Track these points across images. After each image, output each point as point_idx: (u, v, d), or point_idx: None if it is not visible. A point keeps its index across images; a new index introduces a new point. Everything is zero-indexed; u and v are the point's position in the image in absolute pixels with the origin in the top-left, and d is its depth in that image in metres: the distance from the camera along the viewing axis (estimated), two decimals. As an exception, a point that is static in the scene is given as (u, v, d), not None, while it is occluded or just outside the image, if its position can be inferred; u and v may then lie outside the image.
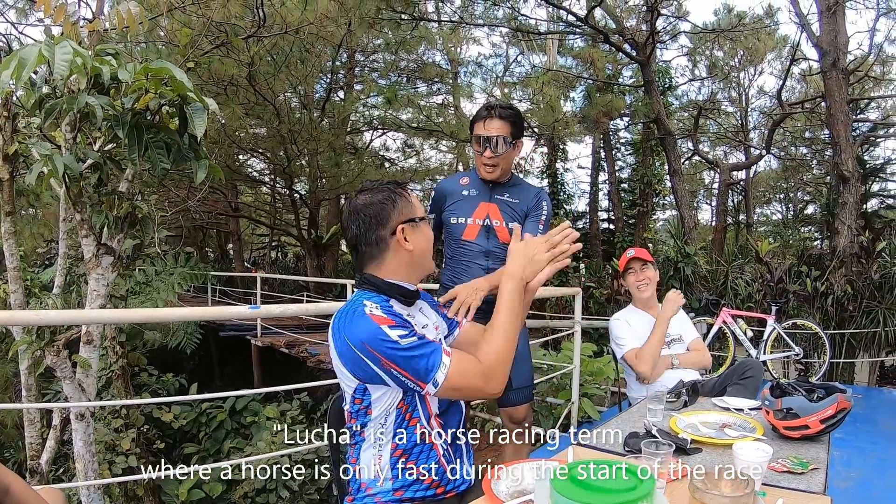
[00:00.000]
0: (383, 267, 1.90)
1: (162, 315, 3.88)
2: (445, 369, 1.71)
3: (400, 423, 1.84)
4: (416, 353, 1.70)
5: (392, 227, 1.87)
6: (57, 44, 2.49)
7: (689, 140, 17.93)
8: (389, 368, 1.71)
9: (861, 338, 9.28)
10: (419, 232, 1.92)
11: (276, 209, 20.29)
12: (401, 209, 1.89)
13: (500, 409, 3.23)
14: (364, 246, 1.89)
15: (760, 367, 3.33)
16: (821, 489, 1.76)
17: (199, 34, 7.68)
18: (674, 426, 2.25)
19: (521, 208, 3.06)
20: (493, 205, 3.01)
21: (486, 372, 1.78)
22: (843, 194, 10.34)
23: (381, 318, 1.73)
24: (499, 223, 3.01)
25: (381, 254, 1.89)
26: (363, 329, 1.72)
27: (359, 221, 1.87)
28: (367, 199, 1.89)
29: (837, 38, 10.55)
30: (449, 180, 3.18)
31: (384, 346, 1.69)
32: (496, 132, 2.89)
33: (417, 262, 1.93)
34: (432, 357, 1.72)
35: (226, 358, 14.41)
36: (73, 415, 3.48)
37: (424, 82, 18.83)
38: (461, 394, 1.84)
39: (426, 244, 1.95)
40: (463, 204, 3.02)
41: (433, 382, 1.71)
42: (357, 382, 1.80)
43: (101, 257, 3.39)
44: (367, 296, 1.85)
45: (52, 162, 2.80)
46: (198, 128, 2.96)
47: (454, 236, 3.04)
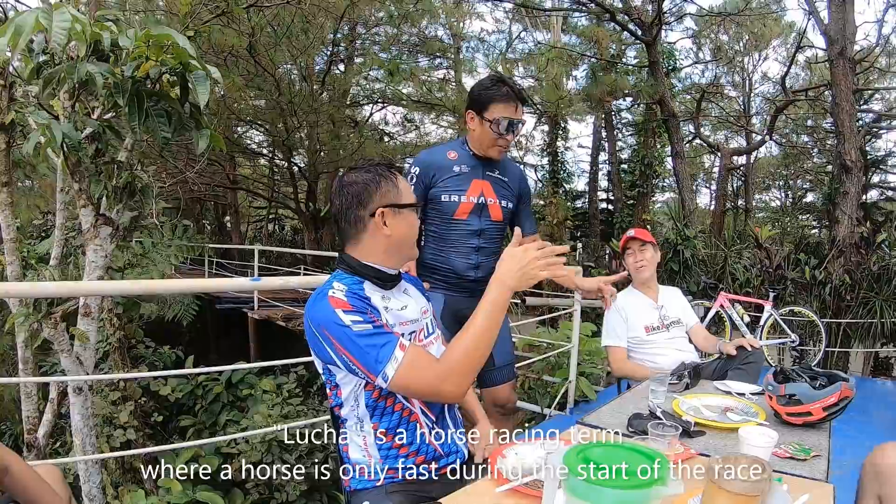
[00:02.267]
0: (360, 247, 1.87)
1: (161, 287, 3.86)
2: (396, 364, 1.64)
3: (374, 404, 1.82)
4: (367, 342, 1.66)
5: (372, 208, 1.82)
6: (56, 10, 2.42)
7: (691, 123, 17.86)
8: (341, 353, 1.69)
9: (857, 328, 9.30)
10: (401, 218, 1.87)
11: (275, 182, 20.21)
12: (384, 192, 1.84)
13: (483, 391, 3.12)
14: (344, 222, 1.86)
15: (762, 353, 3.31)
16: (823, 477, 1.76)
17: (200, 3, 7.58)
18: (677, 408, 2.24)
19: (512, 187, 3.00)
20: (486, 182, 2.92)
21: (444, 373, 1.68)
22: (844, 184, 10.29)
23: (339, 302, 1.71)
24: (492, 201, 2.92)
25: (358, 234, 1.86)
26: (320, 311, 1.72)
27: (342, 197, 1.85)
28: (354, 178, 1.86)
29: (846, 26, 10.44)
30: (431, 153, 2.99)
31: (337, 330, 1.67)
32: (520, 116, 2.80)
33: (395, 247, 1.88)
34: (384, 349, 1.66)
35: (222, 331, 14.44)
36: (71, 388, 3.45)
37: (426, 56, 18.70)
38: (413, 393, 1.75)
39: (408, 231, 1.90)
40: (455, 181, 2.89)
41: (382, 376, 1.65)
42: (322, 363, 1.81)
43: (100, 228, 3.34)
44: (340, 276, 1.85)
45: (49, 131, 2.75)
46: (200, 96, 2.90)
47: (444, 214, 2.90)
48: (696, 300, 8.48)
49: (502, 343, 2.91)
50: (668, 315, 3.70)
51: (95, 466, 3.63)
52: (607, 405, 2.50)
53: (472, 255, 2.90)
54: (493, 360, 2.98)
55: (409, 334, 1.89)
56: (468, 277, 2.91)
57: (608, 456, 1.13)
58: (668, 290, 3.89)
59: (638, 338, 3.59)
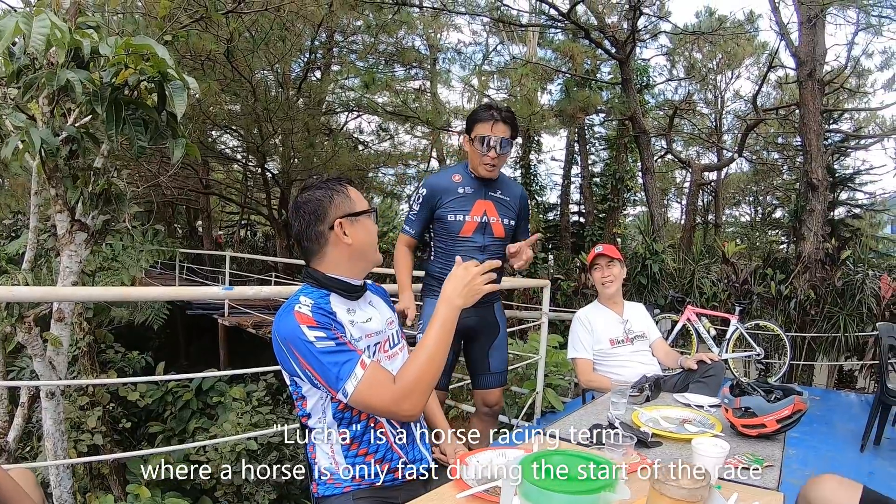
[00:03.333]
0: (325, 261, 1.95)
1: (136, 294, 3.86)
2: (356, 381, 1.71)
3: (340, 415, 1.89)
4: (329, 359, 1.73)
5: (330, 221, 1.91)
6: (36, 16, 2.45)
7: (663, 139, 18.09)
8: (304, 368, 1.76)
9: (821, 342, 9.51)
10: (359, 226, 1.96)
11: (248, 187, 20.10)
12: (338, 204, 1.93)
13: (475, 391, 3.40)
14: (306, 241, 1.95)
15: (722, 366, 3.41)
16: (774, 486, 1.84)
17: (178, 7, 7.57)
18: (636, 420, 2.32)
19: (513, 205, 3.26)
20: (489, 202, 3.17)
21: (400, 393, 1.75)
22: (811, 201, 10.54)
23: (305, 317, 1.77)
24: (495, 219, 3.17)
25: (321, 248, 1.94)
26: (285, 325, 1.78)
27: (300, 218, 1.94)
28: (308, 196, 1.95)
29: (815, 49, 10.74)
30: (438, 177, 3.25)
31: (301, 345, 1.74)
32: (501, 134, 3.03)
33: (358, 254, 1.97)
34: (346, 366, 1.72)
35: (192, 336, 14.33)
36: (44, 393, 3.44)
37: (403, 66, 18.75)
38: (372, 410, 1.81)
39: (367, 237, 1.99)
40: (460, 201, 3.13)
41: (342, 392, 1.72)
42: (288, 375, 1.88)
43: (75, 234, 3.35)
44: (307, 290, 1.92)
45: (28, 136, 2.77)
46: (178, 107, 2.94)
47: (451, 232, 3.14)
48: (663, 314, 8.62)
49: (500, 352, 3.34)
50: (633, 329, 3.80)
51: (67, 471, 3.62)
52: (570, 416, 2.59)
53: None
54: (490, 366, 3.31)
55: (374, 345, 1.97)
56: None
57: (561, 463, 1.20)
58: (633, 305, 4.00)
59: (603, 350, 3.69)
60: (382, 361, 1.96)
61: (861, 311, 9.16)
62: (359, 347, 1.85)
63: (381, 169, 21.24)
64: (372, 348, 1.96)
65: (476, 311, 3.12)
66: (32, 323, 3.29)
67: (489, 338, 3.35)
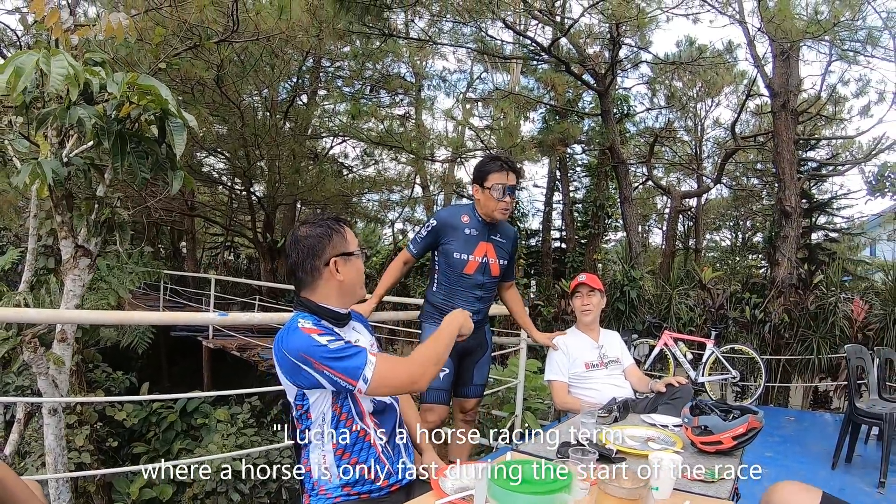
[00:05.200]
0: (317, 292, 2.17)
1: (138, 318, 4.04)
2: (372, 367, 1.95)
3: (336, 423, 2.09)
4: (343, 355, 1.95)
5: (326, 258, 2.14)
6: (53, 56, 2.63)
7: (643, 165, 18.34)
8: (322, 370, 1.96)
9: (796, 364, 9.73)
10: (350, 265, 2.19)
11: (233, 210, 20.14)
12: (335, 244, 2.16)
13: (454, 399, 3.76)
14: (301, 273, 2.16)
15: (690, 389, 3.59)
16: (727, 496, 2.01)
17: (172, 34, 7.78)
18: (603, 438, 2.49)
19: (508, 248, 3.69)
20: (490, 244, 3.57)
21: (415, 364, 2.06)
22: (784, 228, 10.85)
23: (311, 329, 2.01)
24: (493, 260, 3.58)
25: (314, 281, 2.16)
26: (297, 340, 1.99)
27: (297, 251, 2.15)
28: (307, 232, 2.17)
29: (789, 81, 11.13)
30: (450, 214, 3.62)
31: (316, 351, 1.95)
32: (514, 183, 3.44)
33: (348, 290, 2.20)
34: (359, 357, 1.96)
35: (175, 358, 14.31)
36: (46, 410, 3.58)
37: (388, 93, 18.96)
38: (391, 386, 2.03)
39: (356, 276, 2.22)
40: (466, 242, 3.51)
41: (363, 379, 1.95)
42: (297, 390, 2.07)
43: (79, 259, 3.52)
44: (302, 315, 2.12)
45: (40, 167, 2.94)
46: (177, 146, 3.14)
47: (455, 268, 3.52)
48: (641, 339, 8.79)
49: (483, 368, 3.77)
50: (608, 354, 4.00)
51: (66, 485, 3.74)
52: (541, 435, 2.79)
53: (475, 303, 3.55)
54: (473, 377, 3.73)
55: None
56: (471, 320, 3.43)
57: (526, 471, 1.39)
58: (609, 333, 4.21)
59: (578, 373, 3.88)
60: None
61: (834, 334, 9.40)
62: None
63: (365, 195, 21.36)
64: None
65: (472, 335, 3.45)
66: (37, 343, 3.44)
67: (478, 355, 3.73)
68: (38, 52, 2.67)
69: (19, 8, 8.09)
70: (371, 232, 19.49)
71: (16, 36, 8.51)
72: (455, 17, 12.80)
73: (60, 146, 3.37)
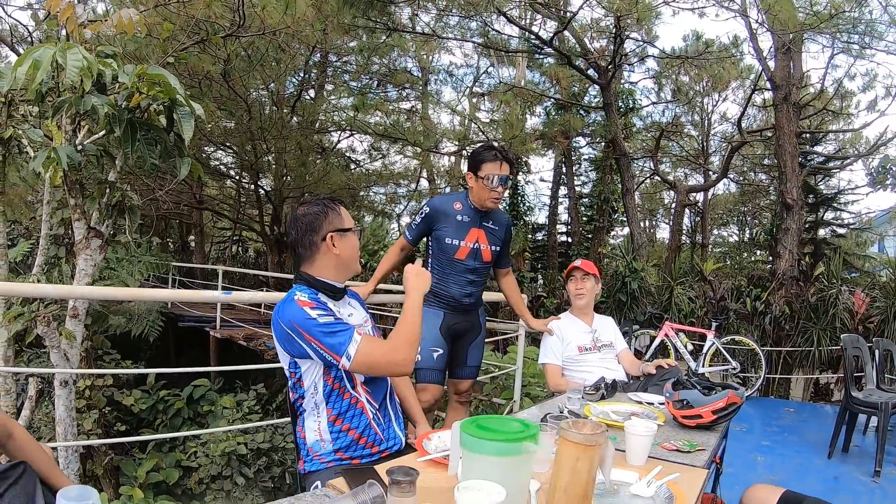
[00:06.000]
0: (315, 266, 2.33)
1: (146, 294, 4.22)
2: (356, 345, 2.08)
3: (329, 391, 2.23)
4: (331, 330, 2.10)
5: (323, 234, 2.30)
6: (69, 49, 2.79)
7: (650, 160, 18.38)
8: (310, 342, 2.11)
9: (796, 356, 9.81)
10: (346, 240, 2.35)
11: (240, 203, 20.25)
12: (331, 220, 2.32)
13: (450, 380, 3.92)
14: (300, 248, 2.33)
15: (678, 370, 3.69)
16: (702, 465, 2.10)
17: (180, 29, 7.91)
18: (587, 411, 2.62)
19: (500, 234, 3.80)
20: (482, 230, 3.69)
21: (393, 347, 2.15)
22: (786, 221, 10.93)
23: (305, 302, 2.16)
24: (485, 246, 3.70)
25: (312, 255, 2.32)
26: (291, 310, 2.15)
27: (297, 228, 2.32)
28: (305, 210, 2.34)
29: (791, 74, 11.19)
30: (442, 202, 3.74)
31: (306, 323, 2.10)
32: (507, 173, 3.56)
33: (344, 264, 2.36)
34: (345, 334, 2.10)
35: (183, 348, 14.47)
36: (58, 381, 3.76)
37: (395, 87, 19.05)
38: (372, 366, 2.16)
39: (352, 251, 2.38)
40: (457, 228, 3.64)
41: (346, 356, 2.08)
42: (289, 358, 2.23)
43: (91, 240, 3.68)
44: (300, 288, 2.28)
45: (55, 153, 3.10)
46: (185, 132, 3.30)
47: (447, 254, 3.65)
48: (642, 329, 8.90)
49: (477, 350, 3.92)
50: (601, 339, 4.12)
51: (75, 454, 3.91)
52: (528, 409, 2.93)
53: (467, 287, 3.70)
54: (466, 360, 3.87)
55: None
56: (463, 302, 3.71)
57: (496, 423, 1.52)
58: (603, 318, 4.33)
59: (572, 356, 3.99)
60: None
61: (834, 326, 9.48)
62: None
63: (372, 188, 21.48)
64: None
65: (465, 317, 3.77)
66: (51, 317, 3.61)
67: (471, 337, 3.88)
68: (55, 46, 2.81)
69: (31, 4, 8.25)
70: (379, 226, 19.60)
71: (27, 31, 8.66)
72: (460, 11, 12.90)
73: (74, 134, 3.54)
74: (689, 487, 1.84)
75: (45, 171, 3.05)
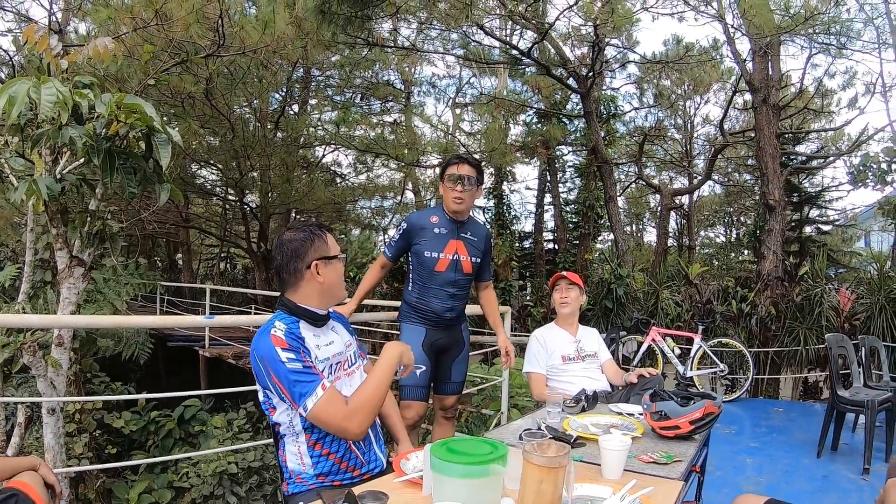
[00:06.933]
0: (298, 292, 2.33)
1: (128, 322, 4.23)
2: (316, 398, 2.07)
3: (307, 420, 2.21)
4: (296, 378, 2.09)
5: (308, 261, 2.31)
6: (43, 84, 2.82)
7: (634, 164, 18.47)
8: (275, 384, 2.12)
9: (784, 355, 9.86)
10: (331, 268, 2.36)
11: (227, 221, 20.25)
12: (317, 247, 2.33)
13: (434, 396, 3.93)
14: (285, 273, 2.34)
15: (660, 379, 3.75)
16: (678, 477, 2.14)
17: (161, 51, 7.93)
18: (566, 426, 2.65)
19: (479, 246, 3.81)
20: (460, 241, 3.71)
21: (350, 413, 2.10)
22: (769, 222, 11.04)
23: (279, 340, 2.14)
24: (464, 258, 3.72)
25: (297, 282, 2.33)
26: (263, 346, 2.14)
27: (282, 253, 2.33)
28: (291, 236, 2.34)
29: (769, 76, 11.33)
30: (419, 216, 3.78)
31: (275, 365, 2.10)
32: (466, 172, 3.59)
33: (328, 291, 2.36)
34: (309, 385, 2.08)
35: (173, 368, 14.41)
36: (45, 409, 3.77)
37: (378, 100, 19.10)
38: (324, 425, 2.14)
39: (337, 278, 2.39)
40: (435, 240, 3.66)
41: (303, 406, 2.08)
42: (261, 388, 2.23)
43: (74, 268, 3.71)
44: (280, 316, 2.29)
45: (35, 184, 3.13)
46: (163, 159, 3.34)
47: (426, 267, 3.66)
48: (629, 335, 8.94)
49: (461, 365, 3.93)
50: (585, 349, 4.17)
51: (65, 481, 3.91)
52: (510, 424, 2.97)
53: (448, 301, 3.70)
54: (451, 375, 3.89)
55: (335, 364, 2.33)
56: (445, 317, 3.72)
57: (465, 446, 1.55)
58: (587, 329, 4.39)
59: (555, 366, 4.05)
60: (342, 378, 2.35)
61: (821, 324, 9.52)
62: (322, 367, 2.22)
63: (357, 202, 21.49)
64: (334, 367, 2.32)
65: (448, 332, 3.78)
66: (36, 346, 3.63)
67: (455, 352, 3.89)
68: (30, 81, 2.85)
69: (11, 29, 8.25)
70: (366, 239, 19.62)
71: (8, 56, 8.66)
72: (440, 24, 12.97)
73: (54, 163, 3.57)
74: (663, 500, 1.87)
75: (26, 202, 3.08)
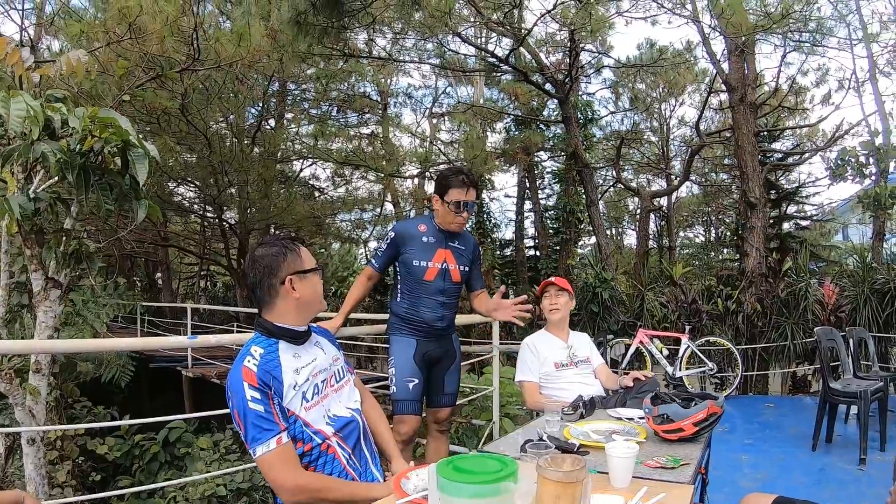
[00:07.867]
0: (275, 311, 2.23)
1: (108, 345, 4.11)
2: (267, 448, 1.99)
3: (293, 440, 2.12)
4: (254, 423, 2.00)
5: (282, 277, 2.21)
6: (12, 98, 2.71)
7: (612, 168, 18.54)
8: (235, 417, 2.04)
9: (772, 351, 9.92)
10: (307, 282, 2.26)
11: (206, 238, 20.07)
12: (290, 262, 2.23)
13: (427, 409, 3.84)
14: (259, 291, 2.23)
15: (656, 382, 3.69)
16: (688, 481, 2.07)
17: (135, 66, 7.81)
18: (567, 434, 2.57)
19: (467, 254, 3.77)
20: (448, 251, 3.67)
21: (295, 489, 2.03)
22: (750, 219, 11.10)
23: (249, 375, 2.05)
24: (453, 266, 3.67)
25: (272, 299, 2.22)
26: (233, 378, 2.07)
27: (255, 271, 2.22)
28: (263, 252, 2.24)
29: (745, 75, 11.42)
30: (407, 225, 3.76)
31: (240, 403, 2.02)
32: (473, 199, 3.57)
33: (305, 306, 2.26)
34: (265, 434, 2.00)
35: (156, 390, 14.19)
36: (25, 439, 3.64)
37: (355, 112, 19.05)
38: (265, 474, 2.05)
39: (313, 292, 2.29)
40: (423, 249, 3.62)
41: (253, 451, 2.00)
42: None
43: (50, 291, 3.58)
44: (258, 340, 2.21)
45: (7, 203, 3.01)
46: (140, 174, 3.23)
47: (415, 276, 3.61)
48: (617, 339, 8.93)
49: (454, 376, 3.85)
50: (577, 354, 4.10)
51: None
52: (506, 436, 2.88)
53: (438, 310, 3.63)
54: (444, 387, 3.81)
55: (321, 382, 2.24)
56: (435, 327, 3.65)
57: (473, 464, 1.46)
58: (578, 334, 4.32)
59: (548, 373, 3.97)
60: (330, 395, 2.27)
61: (807, 319, 9.61)
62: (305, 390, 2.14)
63: (337, 215, 21.37)
64: (319, 386, 2.23)
65: (438, 343, 3.72)
66: (13, 373, 3.50)
67: (447, 363, 3.82)
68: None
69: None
70: (347, 252, 19.51)
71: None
72: (416, 34, 12.95)
73: (27, 182, 3.45)
74: (676, 507, 1.80)
75: None
